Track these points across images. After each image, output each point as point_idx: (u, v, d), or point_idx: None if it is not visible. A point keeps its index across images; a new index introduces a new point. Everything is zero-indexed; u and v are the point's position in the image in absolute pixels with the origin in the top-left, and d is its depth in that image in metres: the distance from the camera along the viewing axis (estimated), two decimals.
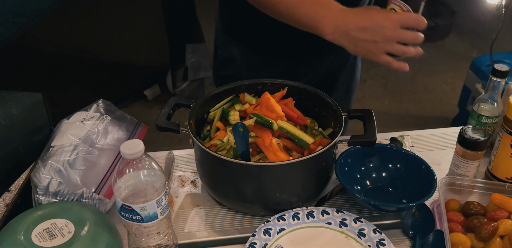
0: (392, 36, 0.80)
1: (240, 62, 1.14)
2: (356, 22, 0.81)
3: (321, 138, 0.91)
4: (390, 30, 0.79)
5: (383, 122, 2.54)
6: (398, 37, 0.80)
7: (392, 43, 0.81)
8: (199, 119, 0.94)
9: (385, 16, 0.80)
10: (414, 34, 0.80)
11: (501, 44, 2.77)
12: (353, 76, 1.26)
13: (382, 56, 0.82)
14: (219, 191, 0.88)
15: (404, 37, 0.80)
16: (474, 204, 0.83)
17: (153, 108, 2.62)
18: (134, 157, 0.67)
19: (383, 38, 0.80)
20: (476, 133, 0.87)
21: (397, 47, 0.81)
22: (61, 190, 0.80)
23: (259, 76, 1.01)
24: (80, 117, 0.92)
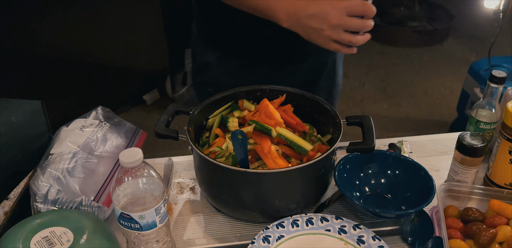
0: (337, 24, 0.79)
1: (217, 68, 1.14)
2: (305, 9, 0.81)
3: (320, 144, 0.91)
4: (335, 18, 0.79)
5: (382, 125, 2.54)
6: (343, 25, 0.79)
7: (338, 31, 0.80)
8: (198, 125, 0.94)
9: (331, 3, 0.80)
10: (361, 22, 0.79)
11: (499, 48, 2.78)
12: (333, 81, 1.25)
13: (331, 44, 0.82)
14: (218, 198, 0.88)
15: (349, 25, 0.79)
16: (473, 211, 0.83)
17: (152, 112, 2.62)
18: (133, 165, 0.67)
19: (329, 25, 0.80)
20: (474, 139, 0.87)
21: (343, 36, 0.80)
22: (60, 198, 0.80)
23: (236, 82, 1.01)
24: (79, 124, 0.92)
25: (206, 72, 1.17)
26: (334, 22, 0.79)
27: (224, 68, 1.14)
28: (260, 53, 1.10)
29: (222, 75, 1.15)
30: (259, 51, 1.09)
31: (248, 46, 1.09)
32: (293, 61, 1.13)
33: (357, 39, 0.81)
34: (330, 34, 0.80)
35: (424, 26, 3.46)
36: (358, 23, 0.79)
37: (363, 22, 0.80)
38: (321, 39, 0.82)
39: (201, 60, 1.17)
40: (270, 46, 1.07)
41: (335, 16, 0.79)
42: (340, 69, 1.26)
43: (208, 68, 1.16)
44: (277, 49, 1.08)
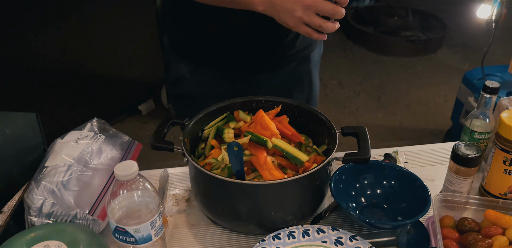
0: (309, 5, 0.79)
1: (190, 79, 1.13)
2: None
3: (316, 155, 0.91)
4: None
5: (377, 134, 2.55)
6: (316, 7, 0.79)
7: (310, 13, 0.80)
8: (193, 136, 0.94)
9: None
10: (333, 6, 0.80)
11: (493, 57, 2.80)
12: (310, 93, 1.24)
13: (302, 27, 0.82)
14: (214, 210, 0.87)
15: (322, 7, 0.79)
16: (468, 221, 0.83)
17: (148, 123, 2.62)
18: (128, 178, 0.67)
19: (301, 6, 0.80)
20: (469, 149, 0.88)
21: (314, 19, 0.80)
22: (55, 211, 0.80)
23: (211, 93, 1.00)
24: (74, 136, 0.92)
25: (180, 84, 1.17)
26: (306, 2, 0.79)
27: (197, 79, 1.13)
28: (232, 62, 1.09)
29: (195, 87, 1.15)
30: (231, 60, 1.09)
31: (220, 55, 1.09)
32: (266, 70, 1.12)
33: (327, 25, 0.81)
34: (302, 15, 0.80)
35: (418, 36, 3.50)
36: (331, 7, 0.80)
37: (336, 7, 0.80)
38: (293, 20, 0.82)
39: (174, 72, 1.16)
40: (242, 55, 1.07)
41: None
42: (316, 80, 1.25)
43: (182, 80, 1.15)
44: (249, 58, 1.08)
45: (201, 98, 1.14)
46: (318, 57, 1.23)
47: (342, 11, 0.81)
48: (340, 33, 3.63)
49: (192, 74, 1.13)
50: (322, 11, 0.80)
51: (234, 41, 1.03)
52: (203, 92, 1.14)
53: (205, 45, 1.08)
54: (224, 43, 1.05)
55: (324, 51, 1.26)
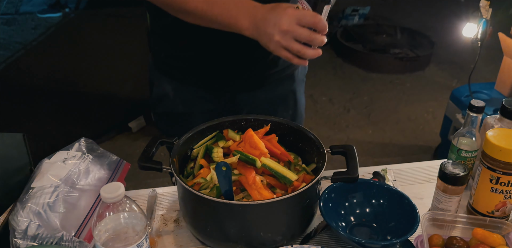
0: (286, 30, 0.81)
1: (174, 97, 1.14)
2: (262, 15, 0.83)
3: (305, 174, 0.92)
4: (285, 24, 0.80)
5: (367, 151, 2.56)
6: (292, 32, 0.81)
7: (288, 38, 0.81)
8: (182, 156, 0.94)
9: (285, 10, 0.81)
10: (310, 33, 0.81)
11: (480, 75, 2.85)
12: (295, 111, 1.24)
13: (281, 51, 0.84)
14: (203, 231, 0.87)
15: (299, 33, 0.80)
16: (457, 239, 0.83)
17: (138, 140, 2.60)
18: (114, 200, 0.66)
19: (279, 31, 0.81)
20: (456, 168, 0.88)
21: (292, 44, 0.82)
22: (40, 233, 0.78)
23: (194, 110, 1.00)
24: (62, 156, 0.91)
25: (163, 102, 1.17)
26: (284, 27, 0.80)
27: (180, 97, 1.14)
28: (215, 80, 1.10)
29: (179, 105, 1.15)
30: (214, 79, 1.10)
31: (203, 74, 1.09)
32: (250, 88, 1.13)
33: (306, 51, 0.82)
34: (280, 40, 0.82)
35: (406, 53, 3.55)
36: (306, 34, 0.80)
37: (312, 34, 0.81)
38: (273, 44, 0.84)
39: (158, 90, 1.16)
40: (225, 73, 1.08)
41: (285, 22, 0.80)
42: (301, 98, 1.25)
43: (165, 99, 1.16)
44: (232, 76, 1.09)
45: (185, 116, 1.14)
46: (303, 76, 1.24)
47: (320, 38, 0.82)
48: (329, 50, 3.68)
49: (175, 92, 1.14)
50: (299, 37, 0.81)
51: (216, 59, 1.03)
52: (187, 109, 1.14)
53: (188, 63, 1.09)
54: (206, 61, 1.06)
55: (314, 68, 1.27)
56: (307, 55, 0.83)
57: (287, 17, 0.80)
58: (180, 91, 1.13)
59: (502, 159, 0.85)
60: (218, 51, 1.04)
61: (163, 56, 1.12)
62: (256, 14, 0.84)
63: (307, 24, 0.81)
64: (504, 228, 0.84)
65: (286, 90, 1.19)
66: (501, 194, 0.88)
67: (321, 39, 0.82)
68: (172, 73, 1.12)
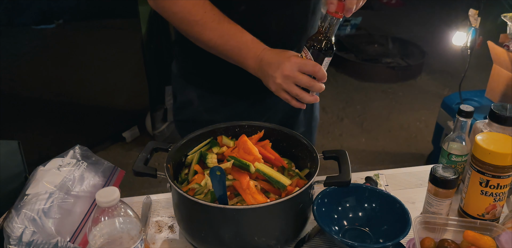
0: (287, 75, 0.87)
1: (198, 105, 1.17)
2: (267, 58, 0.90)
3: (298, 179, 0.93)
4: (287, 69, 0.87)
5: (360, 159, 2.57)
6: (294, 78, 0.87)
7: (289, 82, 0.88)
8: (177, 162, 0.94)
9: (289, 57, 0.88)
10: (309, 80, 0.87)
11: (471, 83, 2.89)
12: (311, 115, 1.30)
13: (282, 93, 0.91)
14: (197, 236, 0.87)
15: (299, 79, 0.87)
16: (448, 242, 0.84)
17: (132, 150, 2.61)
18: (109, 205, 0.67)
19: (281, 75, 0.88)
20: (446, 171, 0.90)
21: (292, 88, 0.88)
22: (35, 239, 0.79)
23: (217, 118, 1.04)
24: (56, 163, 0.92)
25: (187, 110, 1.19)
26: (285, 72, 0.87)
27: (205, 105, 1.16)
28: (239, 89, 1.13)
29: (202, 112, 1.17)
30: (237, 87, 1.13)
31: (227, 83, 1.12)
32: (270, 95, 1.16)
33: (304, 96, 0.89)
34: (281, 82, 0.88)
35: (398, 63, 3.60)
36: (306, 80, 0.87)
37: (311, 81, 0.87)
38: (274, 86, 0.90)
39: (182, 98, 1.19)
40: (249, 82, 1.10)
41: (287, 67, 0.87)
42: (317, 103, 1.30)
43: (189, 106, 1.18)
44: (256, 84, 1.11)
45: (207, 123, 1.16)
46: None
47: (318, 85, 0.88)
48: None
49: (199, 100, 1.17)
50: (299, 82, 0.88)
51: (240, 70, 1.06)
52: (211, 117, 1.16)
53: (213, 73, 1.12)
54: (231, 72, 1.08)
55: None
56: (305, 100, 0.90)
57: (290, 63, 0.87)
58: (205, 98, 1.16)
59: (491, 162, 0.87)
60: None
61: (190, 65, 1.15)
62: (263, 57, 0.91)
63: (308, 72, 0.87)
64: (495, 230, 0.85)
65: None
66: (491, 196, 0.90)
67: (319, 86, 0.89)
68: (197, 81, 1.15)
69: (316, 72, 0.87)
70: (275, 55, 0.90)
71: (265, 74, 0.91)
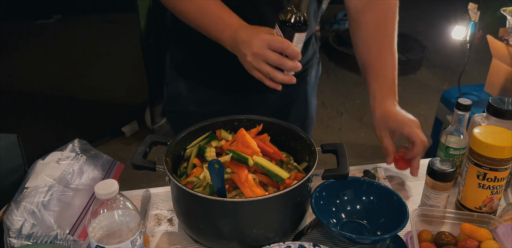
0: (256, 53, 0.84)
1: (187, 96, 1.16)
2: (240, 35, 0.87)
3: (296, 172, 0.93)
4: (256, 46, 0.84)
5: (359, 153, 2.58)
6: (262, 55, 0.84)
7: (259, 60, 0.84)
8: (175, 156, 0.95)
9: (259, 33, 0.85)
10: (278, 57, 0.83)
11: (469, 77, 2.89)
12: (306, 113, 1.27)
13: (254, 72, 0.87)
14: (196, 229, 0.88)
15: (268, 56, 0.83)
16: (445, 234, 0.85)
17: (131, 144, 2.61)
18: (108, 197, 0.67)
19: (251, 53, 0.84)
20: (444, 164, 0.90)
21: (262, 66, 0.85)
22: (35, 232, 0.79)
23: (206, 110, 1.03)
24: (56, 157, 0.92)
25: (177, 101, 1.19)
26: (254, 50, 0.84)
27: (194, 97, 1.16)
28: (229, 83, 1.12)
29: (192, 104, 1.17)
30: (227, 81, 1.12)
31: (217, 76, 1.12)
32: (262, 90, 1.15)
33: (275, 74, 0.85)
34: (251, 61, 0.85)
35: (397, 57, 3.59)
36: (275, 58, 0.83)
37: (281, 59, 0.83)
38: (246, 64, 0.88)
39: (173, 89, 1.19)
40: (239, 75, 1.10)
41: (256, 45, 0.83)
42: (313, 101, 1.28)
43: (179, 97, 1.18)
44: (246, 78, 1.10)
45: (196, 115, 1.16)
46: (316, 79, 1.27)
47: (290, 63, 0.83)
48: (322, 55, 3.71)
49: (189, 91, 1.16)
50: (268, 60, 0.84)
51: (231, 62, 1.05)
52: (199, 109, 1.16)
53: (203, 64, 1.11)
54: (221, 63, 1.08)
55: None
56: (277, 79, 0.85)
57: (258, 40, 0.83)
58: (194, 91, 1.15)
59: (488, 155, 0.87)
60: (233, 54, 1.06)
61: (180, 56, 1.14)
62: (237, 33, 0.88)
63: (276, 48, 0.83)
64: (492, 223, 0.86)
65: (298, 93, 1.21)
66: (488, 189, 0.90)
67: (291, 64, 0.83)
68: (187, 73, 1.14)
69: (284, 48, 0.82)
70: (248, 32, 0.86)
71: (237, 52, 0.88)
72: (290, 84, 0.90)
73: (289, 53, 0.83)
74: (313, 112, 1.30)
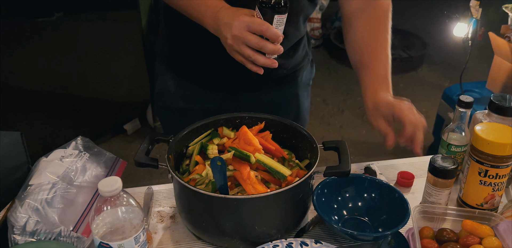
0: (236, 36, 0.82)
1: (175, 92, 1.16)
2: (222, 17, 0.86)
3: (298, 169, 0.93)
4: (236, 29, 0.82)
5: (361, 151, 2.58)
6: (242, 38, 0.82)
7: (239, 43, 0.83)
8: (178, 153, 0.95)
9: (239, 16, 0.83)
10: (257, 40, 0.81)
11: (471, 74, 2.88)
12: (297, 114, 1.25)
13: (235, 54, 0.86)
14: (198, 226, 0.88)
15: (247, 39, 0.81)
16: (447, 231, 0.85)
17: (133, 142, 2.61)
18: (111, 194, 0.68)
19: (231, 35, 0.83)
20: (445, 161, 0.91)
21: (243, 48, 0.83)
22: (39, 229, 0.80)
23: (193, 107, 1.01)
24: (59, 154, 0.92)
25: (164, 97, 1.19)
26: (234, 32, 0.82)
27: (181, 93, 1.15)
28: (216, 78, 1.12)
29: (179, 100, 1.16)
30: (215, 79, 1.11)
31: (205, 74, 1.11)
32: (250, 90, 1.14)
33: (256, 57, 0.83)
34: (232, 43, 0.83)
35: (399, 54, 3.58)
36: (255, 41, 0.81)
37: (261, 41, 0.81)
38: (227, 47, 0.86)
39: (160, 84, 1.18)
40: (227, 76, 1.10)
41: (236, 27, 0.82)
42: (305, 103, 1.25)
43: (167, 93, 1.17)
44: (233, 79, 1.10)
45: (184, 111, 1.15)
46: (308, 80, 1.24)
47: (270, 46, 0.81)
48: (323, 52, 3.71)
49: (177, 87, 1.15)
50: (248, 43, 0.82)
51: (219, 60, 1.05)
52: (187, 106, 1.16)
53: (191, 61, 1.10)
54: (209, 61, 1.07)
55: None
56: (258, 62, 0.83)
57: (237, 22, 0.82)
58: (181, 87, 1.14)
59: (490, 152, 0.88)
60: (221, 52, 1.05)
61: (167, 51, 1.13)
62: (219, 15, 0.86)
63: (256, 31, 0.81)
64: (493, 219, 0.86)
65: (288, 94, 1.20)
66: (490, 186, 0.90)
67: (272, 47, 0.82)
68: (175, 69, 1.14)
69: (264, 31, 0.80)
70: (229, 14, 0.85)
71: (220, 34, 0.86)
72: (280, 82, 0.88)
73: (269, 35, 0.81)
74: (306, 113, 1.28)
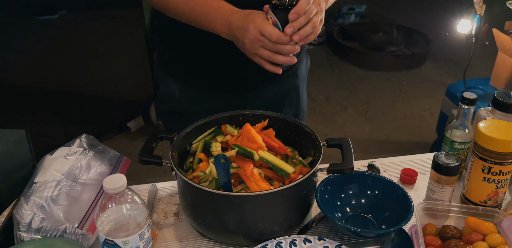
0: (253, 40, 0.84)
1: (180, 96, 1.16)
2: (235, 22, 0.87)
3: (301, 167, 0.94)
4: (251, 34, 0.84)
5: (364, 148, 2.58)
6: (258, 42, 0.84)
7: (257, 46, 0.85)
8: (181, 151, 0.96)
9: (253, 20, 0.84)
10: (273, 45, 0.83)
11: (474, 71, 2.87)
12: (298, 107, 1.27)
13: (254, 57, 0.88)
14: (202, 223, 0.89)
15: (264, 43, 0.84)
16: (450, 228, 0.85)
17: (137, 140, 2.62)
18: (116, 191, 0.68)
19: (248, 39, 0.85)
20: (449, 159, 0.91)
21: (261, 51, 0.85)
22: (44, 226, 0.80)
23: (199, 109, 1.03)
24: (63, 152, 0.93)
25: (170, 101, 1.19)
26: (251, 37, 0.84)
27: (186, 96, 1.16)
28: (219, 83, 1.12)
29: (185, 104, 1.17)
30: (218, 82, 1.12)
31: (207, 77, 1.12)
32: (252, 89, 1.15)
33: (276, 57, 0.85)
34: (249, 47, 0.86)
35: (402, 51, 3.57)
36: (270, 45, 0.84)
37: (275, 45, 0.84)
38: (246, 51, 0.88)
39: (164, 89, 1.18)
40: (229, 77, 1.10)
41: (252, 32, 0.84)
42: (304, 95, 1.27)
43: (172, 97, 1.18)
44: (235, 78, 1.11)
45: (190, 114, 1.15)
46: (305, 72, 1.26)
47: (287, 48, 0.84)
48: (326, 49, 3.70)
49: (181, 91, 1.16)
50: (264, 46, 0.84)
51: (220, 62, 1.05)
52: (193, 108, 1.16)
53: (192, 65, 1.10)
54: (210, 64, 1.08)
55: (311, 67, 1.29)
56: (278, 61, 0.86)
57: (253, 27, 0.84)
58: (186, 90, 1.15)
59: (493, 149, 0.87)
60: (221, 54, 1.05)
61: (168, 58, 1.14)
62: (231, 20, 0.88)
63: (265, 37, 0.83)
64: (496, 216, 0.86)
65: (289, 87, 1.21)
66: (493, 183, 0.91)
67: (289, 48, 0.84)
68: (176, 74, 1.14)
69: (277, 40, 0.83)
70: (242, 18, 0.86)
71: (236, 39, 0.88)
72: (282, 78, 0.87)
73: (282, 43, 0.84)
74: (305, 105, 1.30)
